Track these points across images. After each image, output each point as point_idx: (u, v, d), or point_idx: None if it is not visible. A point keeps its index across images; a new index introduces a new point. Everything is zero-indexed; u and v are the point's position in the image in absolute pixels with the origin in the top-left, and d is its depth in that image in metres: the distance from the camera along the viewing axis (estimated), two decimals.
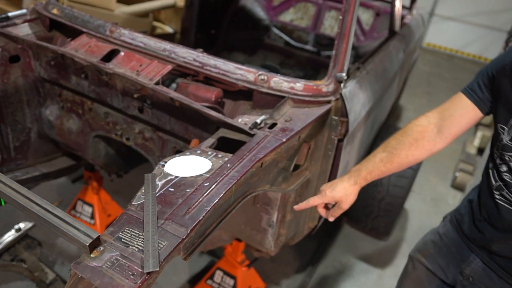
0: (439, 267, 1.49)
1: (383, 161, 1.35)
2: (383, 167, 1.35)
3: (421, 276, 1.56)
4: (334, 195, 1.36)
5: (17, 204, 0.98)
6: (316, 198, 1.39)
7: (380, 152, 1.37)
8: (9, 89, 1.90)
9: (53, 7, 2.03)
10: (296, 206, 1.42)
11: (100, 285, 0.86)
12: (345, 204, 1.38)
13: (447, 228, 1.50)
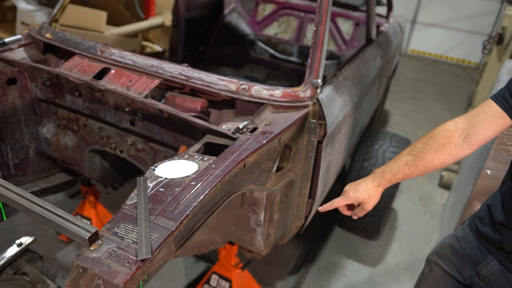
0: (455, 269, 1.52)
1: (408, 164, 1.35)
2: (407, 170, 1.35)
3: (437, 278, 1.59)
4: (358, 196, 1.37)
5: (21, 207, 1.09)
6: (340, 200, 1.40)
7: (406, 155, 1.37)
8: (8, 109, 2.01)
9: (46, 32, 2.16)
10: (320, 208, 1.44)
11: (99, 272, 0.97)
12: (369, 205, 1.39)
13: (465, 231, 1.52)
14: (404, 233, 3.29)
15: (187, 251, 2.01)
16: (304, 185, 1.91)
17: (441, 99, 6.14)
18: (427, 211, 3.59)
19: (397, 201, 3.62)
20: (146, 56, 1.88)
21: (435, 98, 6.16)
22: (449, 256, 1.56)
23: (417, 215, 3.53)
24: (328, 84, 1.98)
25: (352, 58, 2.39)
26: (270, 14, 4.14)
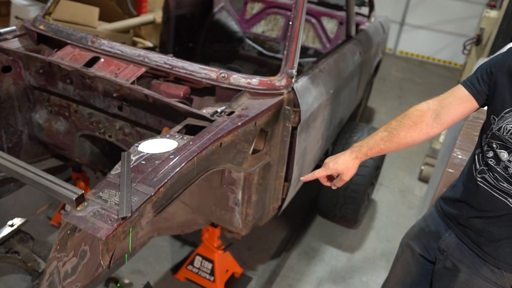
0: (423, 247, 1.67)
1: (383, 139, 1.46)
2: (382, 145, 1.46)
3: (408, 259, 1.74)
4: (337, 168, 1.47)
5: (15, 173, 1.22)
6: (320, 171, 1.51)
7: (382, 131, 1.49)
8: (2, 96, 2.14)
9: (40, 24, 2.29)
10: (302, 178, 1.55)
11: (84, 228, 1.11)
12: (347, 176, 1.48)
13: (431, 211, 1.69)
14: (383, 222, 3.45)
15: (170, 230, 2.14)
16: (280, 169, 2.05)
17: (425, 97, 6.11)
18: (405, 202, 3.74)
19: (377, 193, 3.78)
20: (133, 47, 2.01)
21: (420, 96, 6.34)
22: (417, 235, 1.71)
23: (396, 206, 3.69)
24: (304, 75, 2.12)
25: (330, 53, 2.54)
26: (258, 12, 4.29)
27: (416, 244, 1.72)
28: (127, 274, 2.61)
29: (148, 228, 1.92)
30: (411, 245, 1.74)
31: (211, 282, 2.53)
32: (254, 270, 2.79)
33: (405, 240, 1.80)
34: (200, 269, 2.56)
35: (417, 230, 1.74)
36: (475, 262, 1.50)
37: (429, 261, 1.69)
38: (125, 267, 2.66)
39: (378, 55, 3.86)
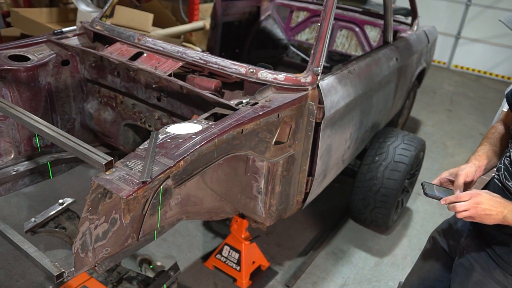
0: (447, 243, 1.73)
1: None
2: None
3: (433, 253, 1.81)
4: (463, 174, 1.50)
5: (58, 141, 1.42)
6: None
7: None
8: (60, 86, 2.41)
9: (97, 24, 2.56)
10: None
11: (110, 188, 1.27)
12: None
13: None
14: (417, 231, 3.41)
15: (199, 215, 2.28)
16: (304, 162, 2.14)
17: (478, 112, 6.11)
18: (443, 214, 3.67)
19: (414, 202, 3.73)
20: (173, 44, 2.21)
21: (472, 111, 6.14)
22: (444, 231, 1.77)
23: (433, 216, 3.62)
24: (332, 74, 2.22)
25: (362, 56, 2.61)
26: (303, 20, 4.42)
27: (443, 239, 1.77)
28: (160, 258, 2.80)
29: (177, 210, 2.07)
30: (437, 239, 1.79)
31: (237, 272, 2.64)
32: (280, 265, 2.88)
33: (433, 233, 1.85)
34: (228, 258, 2.68)
35: (446, 226, 1.79)
36: (489, 264, 1.51)
37: (452, 258, 1.72)
38: (159, 251, 2.85)
39: (420, 63, 3.85)
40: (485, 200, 1.34)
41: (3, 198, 3.06)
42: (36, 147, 2.35)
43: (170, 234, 3.00)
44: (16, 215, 2.96)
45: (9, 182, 2.22)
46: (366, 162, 3.00)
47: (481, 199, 1.34)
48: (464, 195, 1.36)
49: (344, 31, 4.23)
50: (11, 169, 2.22)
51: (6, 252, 2.70)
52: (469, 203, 1.34)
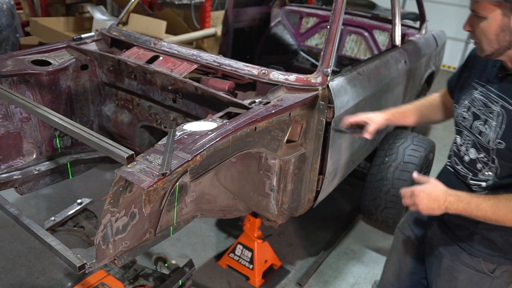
0: (414, 235, 1.79)
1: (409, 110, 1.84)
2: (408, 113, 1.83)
3: (402, 247, 1.86)
4: (367, 116, 1.80)
5: (81, 137, 1.51)
6: (352, 117, 1.83)
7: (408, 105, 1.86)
8: (79, 89, 2.51)
9: (114, 30, 2.66)
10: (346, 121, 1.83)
11: (132, 179, 1.35)
12: (372, 125, 1.77)
13: None
14: None
15: (213, 212, 2.34)
16: (315, 161, 2.20)
17: None
18: None
19: None
20: (188, 47, 2.29)
21: None
22: (410, 224, 1.83)
23: None
24: (341, 75, 2.28)
25: (371, 59, 2.67)
26: (312, 26, 4.50)
27: (409, 232, 1.82)
28: (175, 257, 2.86)
29: (192, 207, 2.14)
30: (404, 233, 1.85)
31: (250, 270, 2.70)
32: (292, 264, 2.93)
33: (398, 229, 1.90)
34: (241, 257, 2.74)
35: (410, 219, 1.85)
36: (456, 249, 1.58)
37: (421, 249, 1.78)
38: (174, 250, 2.92)
39: (429, 66, 3.89)
40: (424, 199, 1.39)
41: (23, 199, 3.16)
42: (57, 147, 2.44)
43: (184, 233, 3.07)
44: (36, 216, 3.05)
45: (31, 181, 2.31)
46: (376, 163, 3.05)
47: (420, 199, 1.40)
48: (406, 193, 1.45)
49: (353, 36, 4.30)
50: (33, 169, 2.31)
51: (27, 250, 2.79)
52: (411, 202, 1.43)
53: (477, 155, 1.46)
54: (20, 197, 3.14)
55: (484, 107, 1.42)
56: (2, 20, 4.09)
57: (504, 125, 1.34)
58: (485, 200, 1.34)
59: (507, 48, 1.32)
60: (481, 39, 1.34)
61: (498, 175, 1.42)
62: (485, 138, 1.41)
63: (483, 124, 1.41)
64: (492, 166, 1.42)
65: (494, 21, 1.28)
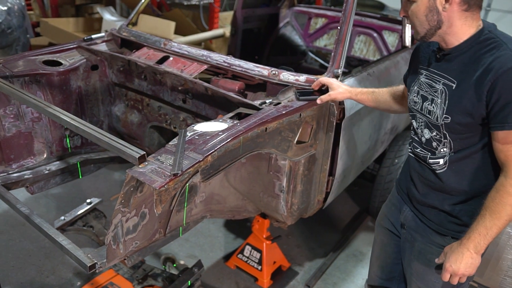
0: (391, 224, 1.83)
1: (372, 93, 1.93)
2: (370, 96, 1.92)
3: (382, 239, 1.90)
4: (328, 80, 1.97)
5: (93, 137, 1.51)
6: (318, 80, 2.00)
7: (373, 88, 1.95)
8: (90, 89, 2.52)
9: (124, 31, 2.67)
10: None
11: (144, 180, 1.35)
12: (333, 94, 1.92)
13: (393, 189, 1.87)
14: None
15: (222, 213, 2.34)
16: (325, 162, 2.19)
17: None
18: None
19: None
20: (198, 48, 2.30)
21: None
22: (386, 215, 1.87)
23: None
24: (352, 76, 2.27)
25: (381, 59, 2.66)
26: (321, 27, 4.48)
27: (386, 223, 1.86)
28: (183, 257, 2.87)
29: (201, 207, 2.14)
30: (382, 225, 1.88)
31: (259, 271, 2.69)
32: (301, 266, 2.92)
33: (377, 222, 1.94)
34: (249, 258, 2.74)
35: (385, 210, 1.89)
36: (426, 231, 1.63)
37: (399, 238, 1.81)
38: (182, 251, 2.92)
39: None
40: (459, 269, 1.45)
41: (33, 198, 3.18)
42: (67, 147, 2.45)
43: (193, 234, 3.07)
44: (46, 215, 3.07)
45: (42, 181, 2.33)
46: (386, 165, 3.03)
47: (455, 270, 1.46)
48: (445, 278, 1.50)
49: (362, 36, 4.27)
50: (44, 168, 2.33)
51: (37, 249, 2.80)
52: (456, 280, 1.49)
53: (431, 134, 1.54)
54: (30, 197, 3.16)
55: (430, 88, 1.51)
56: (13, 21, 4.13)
57: (447, 101, 1.44)
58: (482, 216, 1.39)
59: (438, 28, 1.42)
60: (414, 21, 1.46)
61: (453, 149, 1.49)
62: (434, 116, 1.49)
63: (431, 103, 1.50)
64: (445, 142, 1.50)
65: (422, 3, 1.40)
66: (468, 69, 1.39)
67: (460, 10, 1.37)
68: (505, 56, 1.31)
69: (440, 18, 1.39)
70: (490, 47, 1.36)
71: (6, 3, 4.21)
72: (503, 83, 1.29)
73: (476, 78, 1.35)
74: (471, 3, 1.37)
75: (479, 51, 1.38)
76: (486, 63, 1.34)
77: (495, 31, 1.41)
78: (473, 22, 1.41)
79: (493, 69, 1.31)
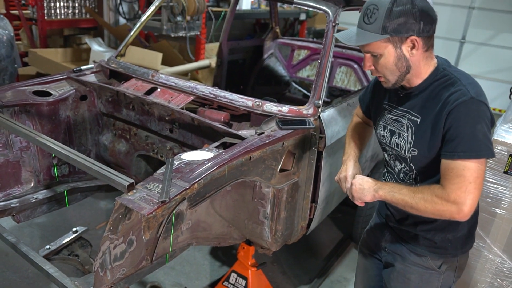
0: (371, 248, 1.91)
1: None
2: None
3: (364, 263, 1.98)
4: None
5: (83, 166, 1.56)
6: None
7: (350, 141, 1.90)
8: (78, 119, 2.58)
9: (113, 62, 2.76)
10: None
11: (132, 207, 1.40)
12: None
13: (374, 216, 1.95)
14: None
15: (208, 240, 2.38)
16: (308, 189, 2.27)
17: None
18: None
19: None
20: (185, 80, 2.39)
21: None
22: (367, 240, 1.95)
23: None
24: (332, 107, 2.38)
25: (360, 90, 2.78)
26: (304, 58, 4.65)
27: (368, 248, 1.94)
28: (169, 285, 2.87)
29: (187, 234, 2.18)
30: (364, 250, 1.96)
31: None
32: None
33: (359, 247, 2.02)
34: (235, 285, 2.75)
35: (367, 235, 1.97)
36: (405, 252, 1.71)
37: (380, 260, 1.89)
38: (168, 279, 2.92)
39: None
40: (357, 184, 1.60)
41: (17, 227, 3.16)
42: (54, 176, 2.49)
43: (178, 262, 3.08)
44: (30, 244, 3.03)
45: (29, 210, 2.35)
46: None
47: (354, 184, 1.61)
48: (342, 178, 1.71)
49: (343, 68, 4.45)
50: (30, 197, 2.35)
51: (20, 279, 2.78)
52: (346, 187, 1.66)
53: (400, 166, 1.63)
54: (14, 225, 3.14)
55: (396, 123, 1.61)
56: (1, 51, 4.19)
57: (414, 134, 1.53)
58: (405, 186, 1.50)
59: (407, 73, 1.50)
60: (384, 72, 1.52)
61: (419, 181, 1.58)
62: (402, 149, 1.58)
63: (398, 137, 1.59)
64: (412, 174, 1.59)
65: (389, 54, 1.46)
66: (429, 104, 1.50)
67: (423, 52, 1.48)
68: (459, 91, 1.43)
69: (409, 64, 1.48)
70: (447, 84, 1.48)
71: None
72: (455, 113, 1.40)
73: (436, 113, 1.46)
74: (429, 44, 1.49)
75: (437, 87, 1.50)
76: (443, 98, 1.45)
77: (449, 68, 1.53)
78: (431, 61, 1.53)
79: (449, 102, 1.42)
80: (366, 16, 1.46)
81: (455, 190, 1.38)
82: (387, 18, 1.40)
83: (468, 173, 1.37)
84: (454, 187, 1.39)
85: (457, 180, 1.39)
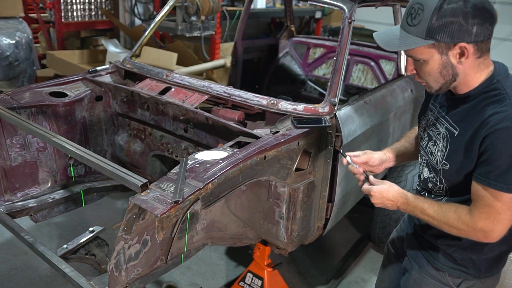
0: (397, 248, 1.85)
1: None
2: None
3: (388, 263, 1.93)
4: None
5: (97, 166, 1.56)
6: None
7: None
8: (94, 120, 2.59)
9: (127, 63, 2.77)
10: None
11: (146, 207, 1.39)
12: None
13: (404, 215, 1.89)
14: None
15: (223, 240, 2.36)
16: (324, 189, 2.23)
17: None
18: None
19: None
20: (199, 79, 2.38)
21: None
22: (394, 239, 1.89)
23: None
24: (348, 105, 2.34)
25: (378, 88, 2.73)
26: (319, 56, 4.60)
27: (394, 248, 1.88)
28: (185, 285, 2.87)
29: (202, 234, 2.17)
30: (390, 249, 1.91)
31: None
32: None
33: (387, 245, 1.96)
34: (251, 285, 2.73)
35: (394, 235, 1.90)
36: (424, 262, 1.63)
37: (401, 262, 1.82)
38: (184, 279, 2.92)
39: None
40: (378, 198, 1.51)
41: (36, 227, 3.20)
42: (71, 176, 2.50)
43: (194, 262, 3.08)
44: (48, 244, 3.09)
45: (46, 209, 2.37)
46: None
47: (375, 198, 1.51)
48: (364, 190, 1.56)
49: (360, 65, 4.38)
50: (48, 197, 2.37)
51: (39, 278, 2.81)
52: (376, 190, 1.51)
53: (428, 175, 1.53)
54: (33, 225, 3.18)
55: (434, 128, 1.49)
56: (20, 54, 4.26)
57: (448, 147, 1.41)
58: (429, 207, 1.41)
59: (453, 81, 1.36)
60: (427, 79, 1.39)
61: (448, 194, 1.48)
62: (434, 159, 1.47)
63: (434, 144, 1.48)
64: (441, 186, 1.49)
65: (434, 61, 1.32)
66: (470, 118, 1.36)
67: (474, 59, 1.32)
68: (504, 113, 1.27)
69: (456, 72, 1.34)
70: (493, 100, 1.32)
71: (14, 37, 4.35)
72: (493, 139, 1.27)
73: (474, 130, 1.32)
74: (483, 49, 1.32)
75: (483, 101, 1.34)
76: (485, 116, 1.30)
77: (503, 81, 1.35)
78: (485, 68, 1.36)
79: (489, 123, 1.28)
80: (409, 16, 1.30)
81: (483, 219, 1.30)
82: (432, 21, 1.25)
83: (498, 205, 1.28)
84: (483, 216, 1.31)
85: (486, 209, 1.30)
